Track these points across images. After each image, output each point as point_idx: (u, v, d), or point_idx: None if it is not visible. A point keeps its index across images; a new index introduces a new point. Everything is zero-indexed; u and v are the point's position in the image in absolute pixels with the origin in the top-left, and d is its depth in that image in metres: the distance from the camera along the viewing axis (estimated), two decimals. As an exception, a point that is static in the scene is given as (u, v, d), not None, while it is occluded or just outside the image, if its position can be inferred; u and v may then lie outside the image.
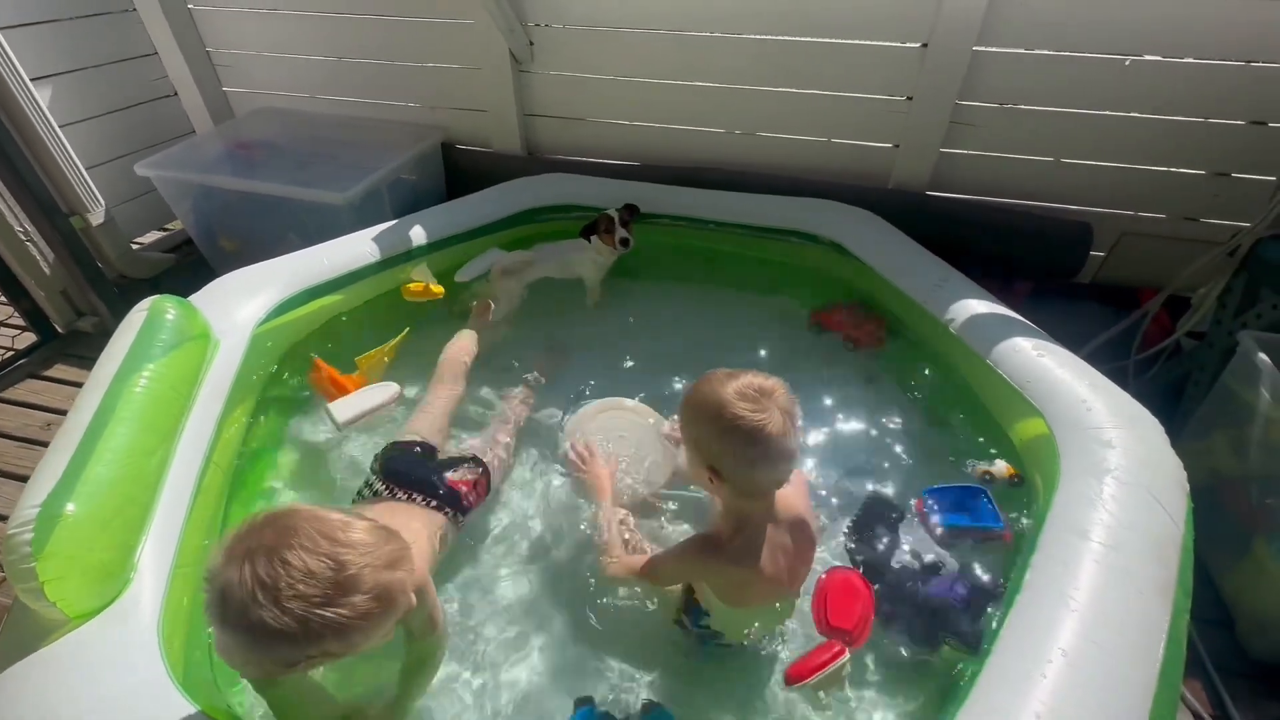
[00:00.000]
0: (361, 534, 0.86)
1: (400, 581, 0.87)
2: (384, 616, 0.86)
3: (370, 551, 0.85)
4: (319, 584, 0.79)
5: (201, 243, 2.74)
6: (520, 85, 2.59)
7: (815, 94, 2.32)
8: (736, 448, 1.01)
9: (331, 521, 0.85)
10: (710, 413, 1.03)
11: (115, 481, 1.13)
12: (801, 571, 1.21)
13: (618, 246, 2.07)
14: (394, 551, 0.88)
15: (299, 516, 0.84)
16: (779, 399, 1.03)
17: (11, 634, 1.02)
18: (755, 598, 1.18)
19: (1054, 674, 0.95)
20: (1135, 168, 2.16)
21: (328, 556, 0.81)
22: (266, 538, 0.81)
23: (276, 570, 0.78)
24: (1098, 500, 1.20)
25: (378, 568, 0.84)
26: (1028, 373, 1.52)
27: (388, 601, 0.85)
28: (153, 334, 1.39)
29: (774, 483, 1.08)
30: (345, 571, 0.81)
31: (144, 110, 2.86)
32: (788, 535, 1.16)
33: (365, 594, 0.82)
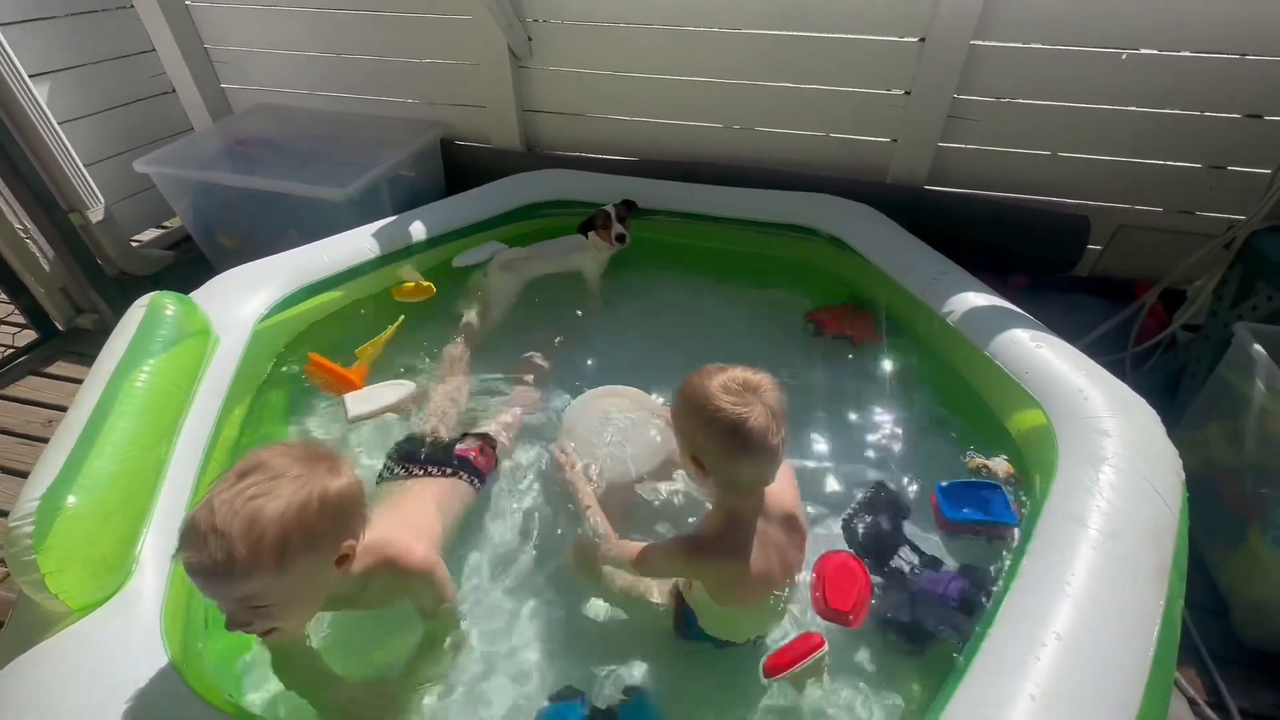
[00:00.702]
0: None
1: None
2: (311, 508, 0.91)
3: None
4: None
5: (201, 240, 2.74)
6: (519, 81, 2.59)
7: (813, 89, 2.33)
8: (718, 440, 1.02)
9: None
10: (695, 404, 1.05)
11: (116, 475, 1.13)
12: (794, 563, 1.21)
13: (613, 242, 2.08)
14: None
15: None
16: (765, 394, 1.04)
17: (16, 626, 1.03)
18: (747, 597, 1.17)
19: (1049, 657, 0.96)
20: (1132, 161, 2.17)
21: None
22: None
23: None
24: (1094, 488, 1.20)
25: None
26: (1025, 364, 1.53)
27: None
28: (153, 330, 1.40)
29: (758, 478, 1.08)
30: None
31: (142, 107, 2.86)
32: (778, 531, 1.16)
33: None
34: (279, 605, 0.92)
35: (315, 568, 0.93)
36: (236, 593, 0.88)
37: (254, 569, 0.85)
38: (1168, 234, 2.21)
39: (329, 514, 0.92)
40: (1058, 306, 1.99)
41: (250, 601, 0.90)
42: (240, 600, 0.89)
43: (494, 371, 1.96)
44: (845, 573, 1.23)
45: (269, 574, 0.87)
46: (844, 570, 1.24)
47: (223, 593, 0.89)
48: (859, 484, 1.62)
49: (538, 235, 2.24)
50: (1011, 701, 0.91)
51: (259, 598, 0.89)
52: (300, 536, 0.88)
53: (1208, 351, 1.84)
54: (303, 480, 0.90)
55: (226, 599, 0.90)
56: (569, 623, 1.40)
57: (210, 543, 0.82)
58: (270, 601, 0.91)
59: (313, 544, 0.91)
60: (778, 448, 1.03)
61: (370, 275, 2.02)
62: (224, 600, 0.91)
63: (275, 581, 0.88)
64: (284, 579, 0.89)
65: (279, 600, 0.92)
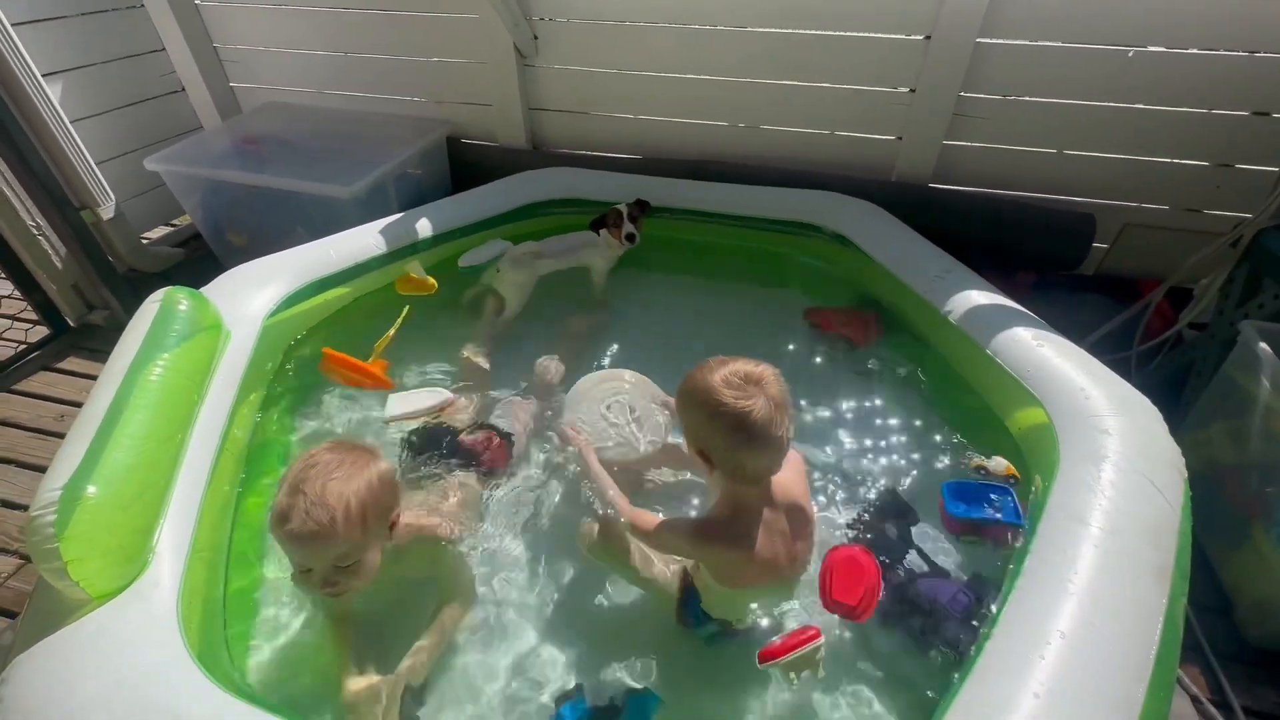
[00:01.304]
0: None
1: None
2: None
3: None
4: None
5: (210, 237, 2.76)
6: (525, 79, 2.60)
7: (818, 87, 2.34)
8: (722, 432, 1.05)
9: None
10: (699, 398, 1.07)
11: (133, 467, 1.15)
12: (801, 553, 1.23)
13: (623, 241, 2.09)
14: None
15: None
16: (768, 387, 1.05)
17: (36, 613, 1.05)
18: (751, 580, 1.20)
19: (1052, 655, 0.97)
20: (1138, 159, 2.17)
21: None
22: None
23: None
24: (1096, 486, 1.21)
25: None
26: (1027, 362, 1.53)
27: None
28: (167, 324, 1.42)
29: (764, 469, 1.10)
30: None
31: (152, 106, 2.88)
32: (785, 520, 1.18)
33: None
34: (360, 564, 1.13)
35: (381, 531, 1.17)
36: (333, 553, 1.09)
37: (348, 531, 1.07)
38: (1174, 232, 2.21)
39: (386, 488, 1.16)
40: (1063, 305, 1.99)
41: (341, 561, 1.11)
42: (334, 560, 1.10)
43: (509, 369, 1.98)
44: (853, 566, 1.23)
45: (356, 535, 1.09)
46: (852, 564, 1.24)
47: (322, 554, 1.09)
48: (862, 484, 1.63)
49: (543, 233, 2.25)
50: (1016, 700, 0.92)
51: (347, 557, 1.11)
52: (373, 505, 1.11)
53: (1214, 350, 1.84)
54: (360, 465, 1.13)
55: (322, 560, 1.10)
56: (573, 615, 1.41)
57: (313, 513, 1.04)
58: (355, 559, 1.12)
59: (380, 511, 1.14)
60: (782, 438, 1.05)
61: (376, 272, 2.04)
62: (320, 562, 1.10)
63: (360, 541, 1.11)
64: (364, 539, 1.12)
65: (360, 558, 1.13)
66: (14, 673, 0.97)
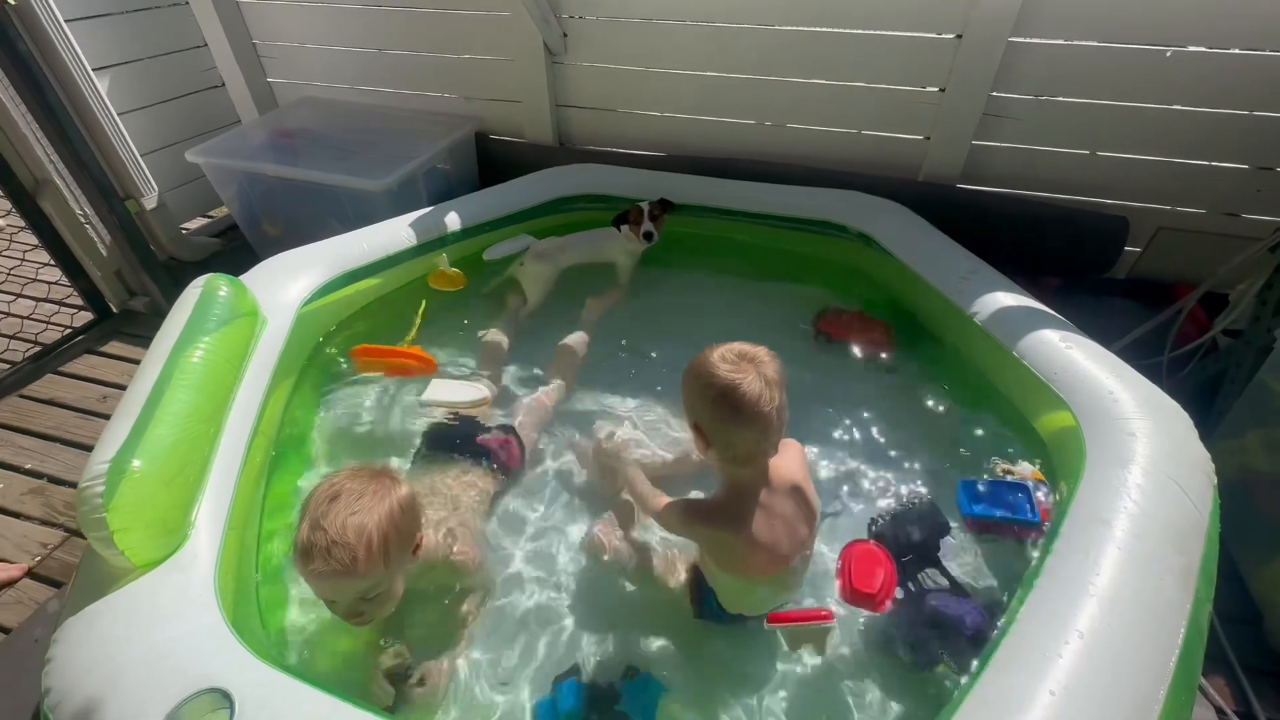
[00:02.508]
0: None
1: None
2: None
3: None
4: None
5: (246, 228, 2.85)
6: (553, 76, 2.64)
7: (846, 85, 2.33)
8: (714, 406, 1.08)
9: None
10: (695, 371, 1.12)
11: (175, 444, 1.21)
12: (804, 539, 1.23)
13: (640, 240, 2.11)
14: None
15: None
16: (762, 365, 1.08)
17: (84, 581, 1.11)
18: (753, 566, 1.20)
19: (1070, 654, 0.96)
20: (1175, 161, 2.13)
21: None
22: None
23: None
24: (1122, 489, 1.20)
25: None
26: (1054, 365, 1.51)
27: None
28: (207, 309, 1.48)
29: (756, 445, 1.11)
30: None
31: (193, 100, 2.97)
32: (784, 502, 1.18)
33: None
34: (384, 593, 1.13)
35: (404, 558, 1.14)
36: (357, 589, 1.08)
37: (371, 567, 1.05)
38: (1210, 236, 2.16)
39: (407, 514, 1.14)
40: (1091, 309, 1.95)
41: (366, 594, 1.10)
42: (359, 595, 1.10)
43: (524, 367, 2.02)
44: (870, 558, 1.24)
45: (379, 569, 1.07)
46: (869, 556, 1.25)
47: (347, 591, 1.09)
48: (885, 492, 1.63)
49: (567, 228, 2.28)
50: (1032, 697, 0.92)
51: (372, 589, 1.10)
52: (394, 536, 1.09)
53: (1249, 357, 1.79)
54: (380, 494, 1.10)
55: (347, 596, 1.10)
56: (581, 606, 1.44)
57: (334, 554, 1.02)
58: (380, 591, 1.11)
59: (402, 540, 1.12)
60: (771, 415, 1.07)
61: (406, 264, 2.08)
62: (345, 597, 1.10)
63: (384, 574, 1.09)
64: (388, 571, 1.10)
65: (385, 589, 1.12)
66: (64, 634, 1.03)
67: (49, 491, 1.89)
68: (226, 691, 0.92)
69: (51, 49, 2.23)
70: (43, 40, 2.20)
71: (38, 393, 2.24)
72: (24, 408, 2.18)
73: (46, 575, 1.67)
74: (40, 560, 1.70)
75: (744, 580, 1.23)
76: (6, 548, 1.73)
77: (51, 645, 1.02)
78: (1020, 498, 1.41)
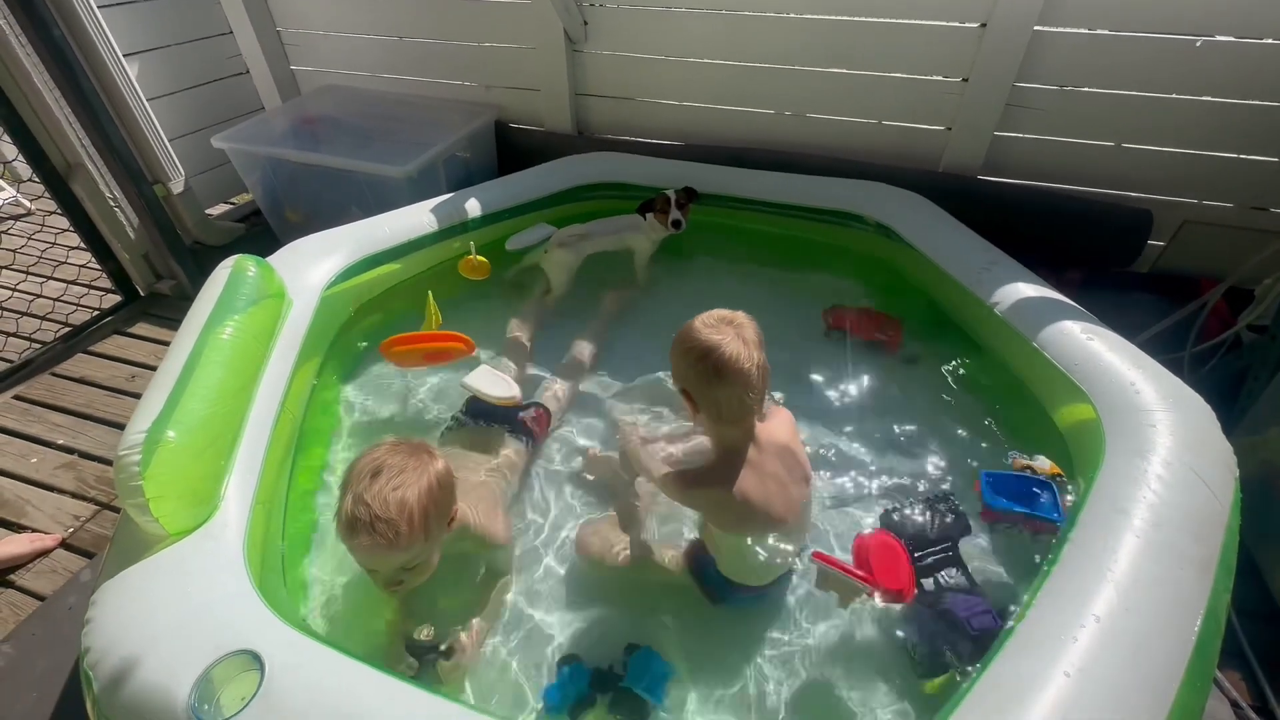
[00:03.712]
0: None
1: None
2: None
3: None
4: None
5: (269, 213, 2.89)
6: (573, 65, 2.65)
7: (867, 75, 2.31)
8: (695, 365, 1.15)
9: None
10: (679, 341, 1.21)
11: (207, 418, 1.24)
12: (797, 498, 1.27)
13: (669, 228, 2.12)
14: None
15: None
16: (740, 328, 1.17)
17: (120, 548, 1.15)
18: (747, 520, 1.24)
19: (1086, 638, 0.97)
20: (1202, 154, 2.09)
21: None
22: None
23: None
24: (1142, 479, 1.19)
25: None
26: (1075, 356, 1.51)
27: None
28: (237, 288, 1.51)
29: (738, 403, 1.16)
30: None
31: (218, 87, 3.02)
32: (774, 462, 1.24)
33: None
34: (423, 564, 1.19)
35: (441, 530, 1.19)
36: (398, 561, 1.13)
37: (412, 540, 1.10)
38: (1237, 230, 2.13)
39: (445, 489, 1.18)
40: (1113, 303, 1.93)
41: (407, 565, 1.15)
42: (399, 566, 1.15)
43: (547, 351, 2.06)
44: (888, 552, 1.25)
45: (420, 542, 1.12)
46: (886, 550, 1.25)
47: (389, 563, 1.14)
48: (893, 479, 1.65)
49: (587, 216, 2.29)
50: (1046, 678, 0.93)
51: (412, 560, 1.15)
52: (434, 510, 1.14)
53: (1274, 353, 1.77)
54: (420, 469, 1.15)
55: (388, 568, 1.15)
56: (584, 585, 1.47)
57: (378, 528, 1.07)
58: (419, 562, 1.17)
59: (440, 513, 1.17)
60: (751, 372, 1.13)
61: (427, 249, 2.11)
62: (385, 569, 1.15)
63: (423, 546, 1.15)
64: (428, 543, 1.15)
65: (424, 560, 1.18)
66: (101, 596, 1.07)
67: (80, 466, 1.94)
68: (257, 653, 0.95)
69: (84, 34, 2.27)
70: (76, 25, 2.25)
71: (69, 371, 2.30)
72: (56, 386, 2.24)
73: (79, 546, 1.73)
74: (73, 532, 1.76)
75: (741, 538, 1.27)
76: (41, 519, 1.79)
77: (90, 607, 1.06)
78: (1046, 496, 1.40)
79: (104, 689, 0.96)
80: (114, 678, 0.96)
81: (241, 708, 0.90)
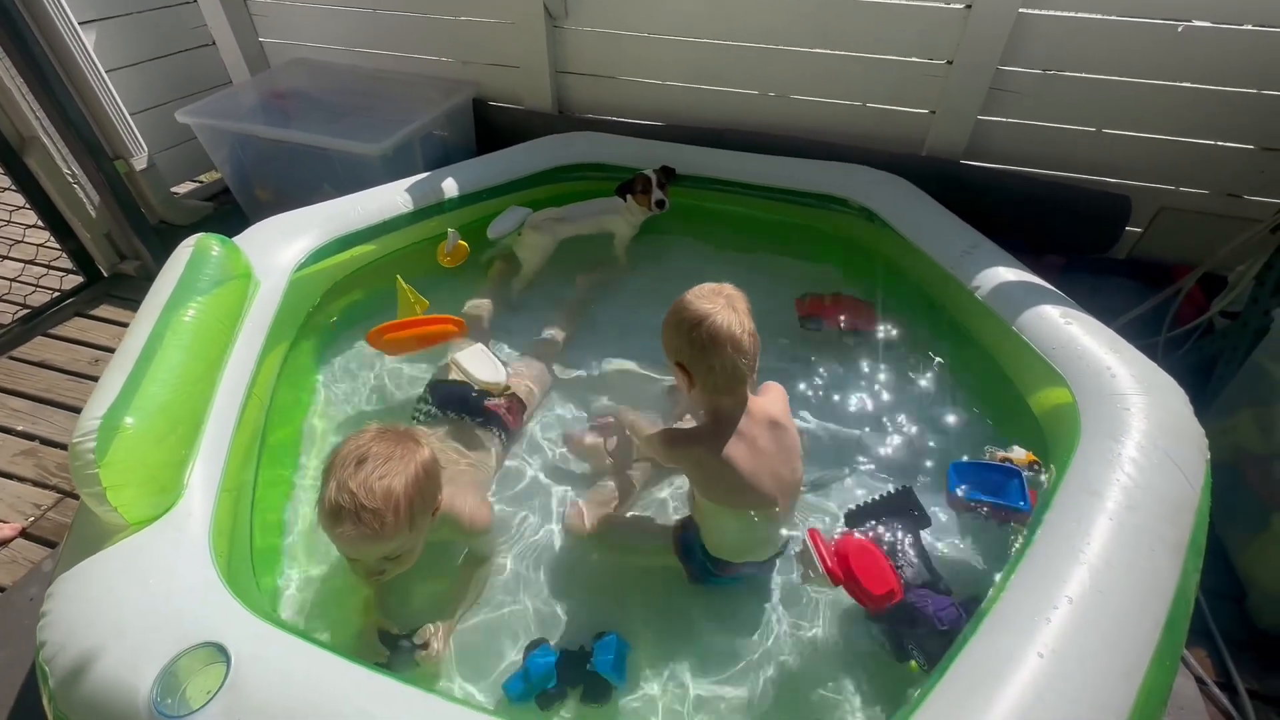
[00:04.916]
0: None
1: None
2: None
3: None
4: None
5: (238, 192, 2.80)
6: (553, 41, 2.57)
7: (851, 56, 2.28)
8: (688, 334, 1.18)
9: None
10: (672, 314, 1.24)
11: (168, 403, 1.19)
12: (787, 475, 1.28)
13: (653, 208, 2.08)
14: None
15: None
16: (731, 298, 1.22)
17: (78, 538, 1.10)
18: (734, 489, 1.23)
19: (1059, 619, 0.97)
20: (1180, 140, 2.10)
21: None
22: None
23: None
24: (1115, 462, 1.20)
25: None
26: (1053, 340, 1.51)
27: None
28: (199, 268, 1.45)
29: (734, 369, 1.18)
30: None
31: (183, 59, 2.89)
32: (764, 435, 1.25)
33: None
34: (407, 553, 1.17)
35: (425, 520, 1.18)
36: (383, 551, 1.12)
37: (398, 530, 1.09)
38: (1212, 217, 2.15)
39: (430, 478, 1.17)
40: (1090, 288, 1.94)
41: (390, 555, 1.14)
42: (383, 556, 1.13)
43: (518, 334, 2.01)
44: (867, 556, 1.23)
45: (405, 532, 1.11)
46: (865, 554, 1.24)
47: (372, 553, 1.12)
48: (874, 472, 1.65)
49: (566, 198, 2.25)
50: (1020, 658, 0.93)
51: (396, 551, 1.14)
52: (419, 500, 1.13)
53: (1245, 338, 1.80)
54: (407, 457, 1.13)
55: (372, 557, 1.13)
56: (557, 572, 1.47)
57: (363, 518, 1.05)
58: (403, 551, 1.16)
59: (425, 503, 1.16)
60: (744, 338, 1.18)
61: (402, 230, 2.05)
62: (369, 558, 1.13)
63: (408, 536, 1.13)
64: (413, 533, 1.14)
65: (408, 549, 1.17)
66: (58, 588, 1.03)
67: (41, 453, 1.88)
68: (222, 645, 0.92)
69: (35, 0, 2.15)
70: (25, -10, 2.13)
71: (28, 355, 2.22)
72: (15, 370, 2.16)
73: (40, 535, 1.67)
74: (34, 520, 1.70)
75: (727, 508, 1.27)
76: (1, 508, 1.72)
77: (46, 599, 1.02)
78: (1012, 483, 1.39)
79: (61, 684, 0.93)
80: (72, 672, 0.93)
81: (206, 701, 0.87)
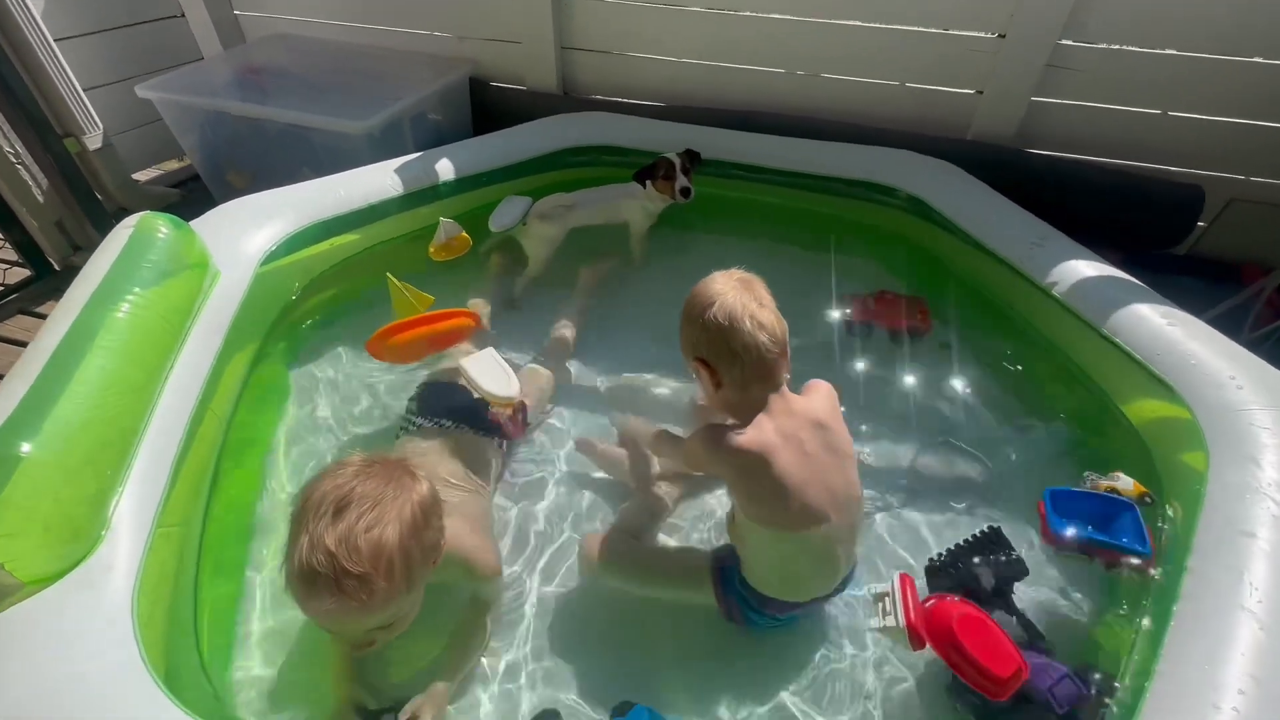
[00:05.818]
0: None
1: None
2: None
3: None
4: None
5: (208, 177, 2.54)
6: (559, 14, 2.34)
7: (889, 29, 2.07)
8: (710, 324, 1.05)
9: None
10: (686, 308, 1.12)
11: (87, 423, 0.94)
12: (840, 490, 1.07)
13: (677, 196, 1.84)
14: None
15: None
16: (752, 285, 1.10)
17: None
18: (783, 511, 1.03)
19: (1246, 708, 0.75)
20: (1255, 124, 1.90)
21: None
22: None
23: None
24: (1260, 490, 1.00)
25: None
26: (1155, 345, 1.31)
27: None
28: (140, 254, 1.20)
29: (760, 352, 1.04)
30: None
31: (147, 31, 2.63)
32: (809, 434, 1.07)
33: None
34: (404, 617, 0.95)
35: (426, 573, 0.95)
36: (374, 622, 0.89)
37: (392, 596, 0.86)
38: (1289, 209, 1.95)
39: (430, 518, 0.94)
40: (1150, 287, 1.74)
41: (383, 624, 0.91)
42: (373, 627, 0.90)
43: (523, 332, 1.79)
44: (979, 628, 0.98)
45: (402, 594, 0.88)
46: (975, 626, 0.98)
47: (359, 626, 0.89)
48: (932, 475, 1.44)
49: (572, 185, 2.01)
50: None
51: (390, 617, 0.91)
52: (418, 551, 0.90)
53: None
54: (400, 499, 0.90)
55: (359, 630, 0.90)
56: (579, 615, 1.24)
57: (346, 586, 0.81)
58: (399, 617, 0.93)
59: (425, 554, 0.93)
60: (760, 313, 1.05)
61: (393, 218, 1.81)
62: (356, 631, 0.91)
63: (406, 598, 0.91)
64: (411, 593, 0.92)
65: (405, 612, 0.95)
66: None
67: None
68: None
69: (-32, -47, 1.89)
70: (-44, -59, 1.87)
71: (-40, 358, 1.95)
72: (-58, 375, 1.89)
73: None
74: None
75: (778, 532, 1.06)
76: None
77: (-94, 687, 0.76)
78: (1124, 518, 1.16)
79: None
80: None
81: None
